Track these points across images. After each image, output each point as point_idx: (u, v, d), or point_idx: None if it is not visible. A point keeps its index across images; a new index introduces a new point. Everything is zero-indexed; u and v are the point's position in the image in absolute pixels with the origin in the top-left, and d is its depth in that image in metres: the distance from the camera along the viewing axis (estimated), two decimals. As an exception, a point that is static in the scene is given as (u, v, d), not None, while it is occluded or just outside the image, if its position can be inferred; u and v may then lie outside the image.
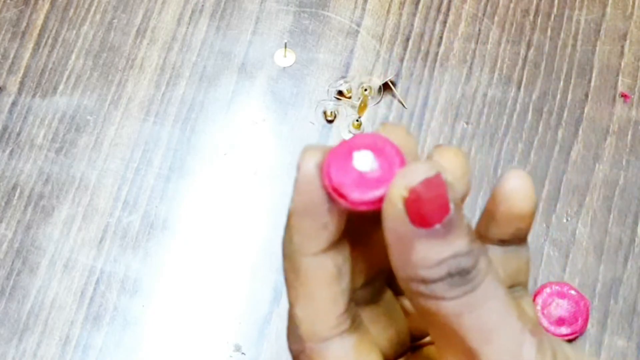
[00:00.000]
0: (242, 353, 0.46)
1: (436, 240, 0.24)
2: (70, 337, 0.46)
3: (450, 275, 0.24)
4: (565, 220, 0.48)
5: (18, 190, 0.49)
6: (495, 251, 0.29)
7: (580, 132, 0.51)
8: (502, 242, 0.28)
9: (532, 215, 0.28)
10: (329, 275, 0.26)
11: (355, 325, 0.27)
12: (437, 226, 0.23)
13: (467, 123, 0.51)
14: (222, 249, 0.48)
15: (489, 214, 0.28)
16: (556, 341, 0.26)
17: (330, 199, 0.25)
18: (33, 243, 0.48)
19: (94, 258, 0.48)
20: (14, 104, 0.51)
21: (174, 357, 0.46)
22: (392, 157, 0.25)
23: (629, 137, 0.50)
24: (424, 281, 0.24)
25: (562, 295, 0.46)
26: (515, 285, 0.30)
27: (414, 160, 0.25)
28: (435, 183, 0.24)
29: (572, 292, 0.46)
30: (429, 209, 0.23)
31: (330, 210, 0.25)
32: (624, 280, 0.47)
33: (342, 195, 0.25)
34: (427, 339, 0.30)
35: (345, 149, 0.25)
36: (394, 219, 0.24)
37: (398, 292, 0.30)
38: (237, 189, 0.49)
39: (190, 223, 0.49)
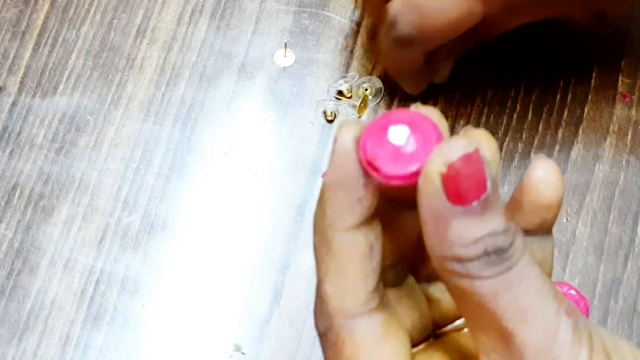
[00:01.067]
0: (242, 353, 0.46)
1: (473, 218, 0.23)
2: (70, 337, 0.46)
3: (486, 253, 0.23)
4: (565, 220, 0.48)
5: (18, 190, 0.49)
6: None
7: (580, 132, 0.51)
8: (527, 232, 0.28)
9: (559, 206, 0.27)
10: (362, 251, 0.26)
11: (383, 304, 0.26)
12: (475, 203, 0.23)
13: (467, 123, 0.51)
14: (222, 249, 0.48)
15: (515, 204, 0.28)
16: (591, 323, 0.25)
17: (365, 173, 0.25)
18: (33, 243, 0.48)
19: (94, 258, 0.48)
20: (14, 104, 0.51)
21: (174, 357, 0.46)
22: (429, 133, 0.24)
23: (629, 137, 0.51)
24: (460, 260, 0.24)
25: (562, 295, 0.46)
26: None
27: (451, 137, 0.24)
28: (475, 159, 0.23)
29: (572, 292, 0.46)
30: (466, 186, 0.23)
31: (365, 185, 0.25)
32: (624, 280, 0.47)
33: (376, 169, 0.24)
34: (450, 326, 0.30)
35: (382, 124, 0.25)
36: (431, 195, 0.23)
37: (420, 279, 0.30)
38: (237, 189, 0.49)
39: (190, 223, 0.49)
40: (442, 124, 0.26)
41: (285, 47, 0.52)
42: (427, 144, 0.24)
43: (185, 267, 0.48)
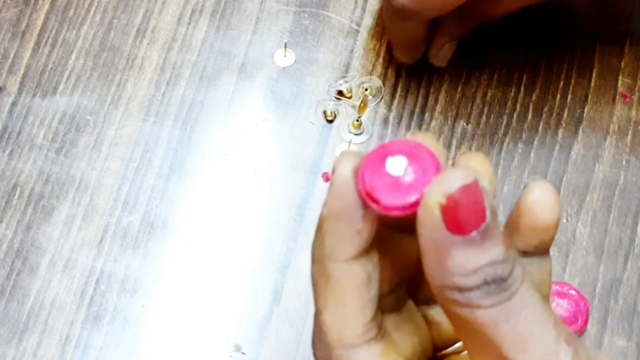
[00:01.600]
0: (242, 353, 0.46)
1: (473, 248, 0.23)
2: (70, 337, 0.46)
3: (486, 283, 0.24)
4: (565, 220, 0.48)
5: (18, 190, 0.49)
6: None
7: (580, 132, 0.51)
8: (525, 254, 0.28)
9: (555, 227, 0.27)
10: (360, 282, 0.26)
11: (381, 333, 0.27)
12: (474, 233, 0.23)
13: (467, 123, 0.51)
14: (222, 249, 0.48)
15: (512, 226, 0.28)
16: (591, 350, 0.25)
17: (364, 204, 0.25)
18: (33, 243, 0.48)
19: (94, 258, 0.48)
20: (14, 104, 0.51)
21: (174, 357, 0.46)
22: (426, 163, 0.25)
23: (629, 137, 0.51)
24: (460, 289, 0.24)
25: (562, 295, 0.46)
26: None
27: (449, 167, 0.24)
28: (473, 190, 0.23)
29: (572, 292, 0.46)
30: (466, 216, 0.23)
31: (364, 216, 0.25)
32: (624, 280, 0.47)
33: (375, 200, 0.25)
34: (450, 349, 0.30)
35: (380, 154, 0.25)
36: (430, 225, 0.24)
37: (419, 302, 0.30)
38: (237, 189, 0.49)
39: (190, 223, 0.49)
40: (440, 151, 0.26)
41: (285, 47, 0.52)
42: (425, 174, 0.24)
43: (185, 267, 0.48)
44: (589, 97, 0.51)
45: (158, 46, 0.52)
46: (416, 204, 0.24)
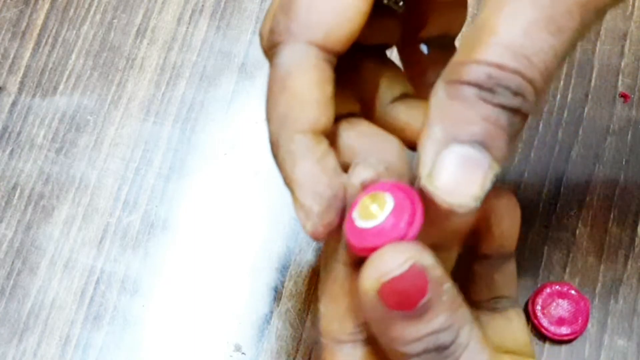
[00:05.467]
0: (242, 353, 0.46)
1: (412, 321, 0.23)
2: (70, 337, 0.46)
3: (427, 351, 0.24)
4: (565, 220, 0.48)
5: (18, 190, 0.49)
6: (481, 265, 0.29)
7: (580, 132, 0.51)
8: (486, 257, 0.28)
9: (516, 236, 0.28)
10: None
11: (369, 340, 0.27)
12: (414, 309, 0.23)
13: (467, 123, 0.51)
14: (222, 249, 0.48)
15: (474, 232, 0.28)
16: None
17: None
18: (33, 243, 0.48)
19: (94, 258, 0.48)
20: (14, 104, 0.51)
21: (174, 357, 0.46)
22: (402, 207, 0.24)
23: (629, 137, 0.50)
24: (403, 355, 0.24)
25: (562, 295, 0.46)
26: (503, 298, 0.30)
27: (390, 245, 0.24)
28: (411, 274, 0.23)
29: (572, 292, 0.46)
30: (403, 298, 0.23)
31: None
32: (624, 280, 0.47)
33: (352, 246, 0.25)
34: None
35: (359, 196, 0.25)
36: (369, 304, 0.23)
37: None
38: (238, 189, 0.49)
39: (190, 223, 0.49)
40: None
41: (285, 47, 0.52)
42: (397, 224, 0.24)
43: (185, 267, 0.48)
44: (589, 97, 0.51)
45: (158, 46, 0.52)
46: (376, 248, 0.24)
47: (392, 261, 0.23)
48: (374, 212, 0.24)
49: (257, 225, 0.49)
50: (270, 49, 0.27)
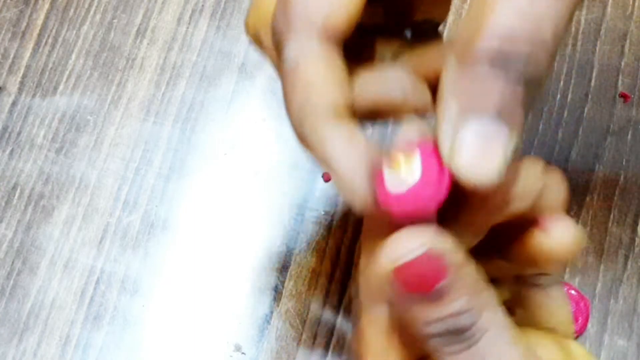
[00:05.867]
0: (242, 353, 0.46)
1: (430, 303, 0.23)
2: (70, 337, 0.46)
3: (448, 332, 0.24)
4: (565, 220, 0.48)
5: (18, 190, 0.49)
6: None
7: (580, 132, 0.51)
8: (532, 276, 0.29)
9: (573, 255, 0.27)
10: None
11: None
12: (432, 291, 0.23)
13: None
14: (222, 249, 0.48)
15: (518, 254, 0.28)
16: None
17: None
18: (33, 243, 0.48)
19: (94, 258, 0.48)
20: (14, 104, 0.51)
21: (174, 357, 0.46)
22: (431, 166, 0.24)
23: (629, 137, 0.50)
24: (423, 335, 0.24)
25: (562, 295, 0.46)
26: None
27: (406, 229, 0.24)
28: (425, 258, 0.23)
29: (572, 292, 0.46)
30: (418, 280, 0.23)
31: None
32: (624, 280, 0.47)
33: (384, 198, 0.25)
34: None
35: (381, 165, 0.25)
36: (388, 285, 0.24)
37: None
38: (237, 189, 0.49)
39: (190, 223, 0.49)
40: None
41: (285, 47, 0.52)
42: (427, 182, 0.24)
43: (185, 267, 0.48)
44: (589, 97, 0.51)
45: (158, 46, 0.52)
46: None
47: (407, 245, 0.23)
48: (403, 176, 0.24)
49: (257, 225, 0.49)
50: (277, 49, 0.27)
